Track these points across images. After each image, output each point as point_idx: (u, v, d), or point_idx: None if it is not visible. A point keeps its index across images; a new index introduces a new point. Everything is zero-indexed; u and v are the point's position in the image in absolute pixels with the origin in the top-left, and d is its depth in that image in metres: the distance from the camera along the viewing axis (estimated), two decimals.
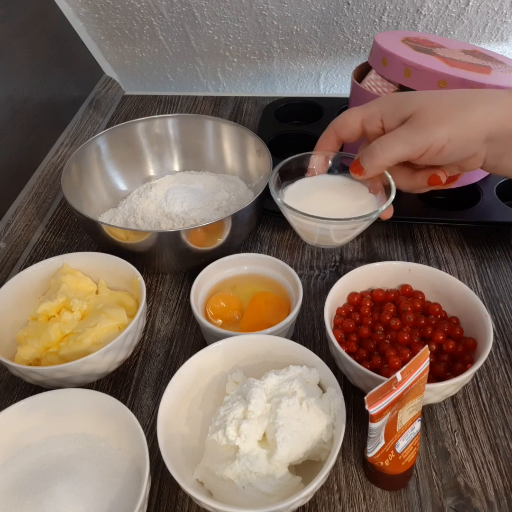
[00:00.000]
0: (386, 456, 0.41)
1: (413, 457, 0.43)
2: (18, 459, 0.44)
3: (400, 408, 0.38)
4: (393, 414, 0.38)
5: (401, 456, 0.41)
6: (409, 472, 0.44)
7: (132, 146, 0.75)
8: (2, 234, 0.68)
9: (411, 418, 0.40)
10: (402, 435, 0.41)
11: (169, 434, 0.42)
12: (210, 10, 0.90)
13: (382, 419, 0.37)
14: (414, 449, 0.43)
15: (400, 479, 0.44)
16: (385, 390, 0.36)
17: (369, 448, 0.40)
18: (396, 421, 0.39)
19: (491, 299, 0.61)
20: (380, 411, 0.36)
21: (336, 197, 0.55)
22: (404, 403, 0.38)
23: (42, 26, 0.83)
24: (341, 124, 0.51)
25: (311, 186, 0.57)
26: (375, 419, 0.36)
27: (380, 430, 0.38)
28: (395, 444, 0.40)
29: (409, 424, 0.41)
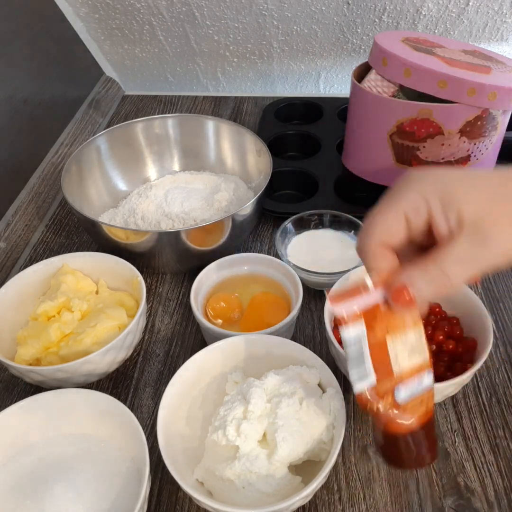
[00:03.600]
0: (381, 397, 0.35)
1: (423, 415, 0.36)
2: (18, 459, 0.44)
3: (386, 331, 0.35)
4: (377, 336, 0.35)
5: (403, 406, 0.36)
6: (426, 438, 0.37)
7: (132, 146, 0.75)
8: (2, 234, 0.68)
9: (415, 365, 0.36)
10: (403, 382, 0.36)
11: (169, 434, 0.42)
12: (210, 10, 0.90)
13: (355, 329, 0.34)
14: (424, 404, 0.37)
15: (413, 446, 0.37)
16: (352, 292, 0.34)
17: (352, 374, 0.35)
18: (386, 350, 0.35)
19: (491, 299, 0.61)
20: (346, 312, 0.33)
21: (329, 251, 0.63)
22: (391, 327, 0.35)
23: (42, 26, 0.83)
24: (386, 232, 0.36)
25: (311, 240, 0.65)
26: (343, 322, 0.34)
27: (359, 349, 0.35)
28: (393, 389, 0.36)
29: (413, 373, 0.36)
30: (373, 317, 0.35)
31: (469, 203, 0.35)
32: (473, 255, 0.34)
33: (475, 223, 0.34)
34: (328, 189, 0.72)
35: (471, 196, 0.35)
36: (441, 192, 0.35)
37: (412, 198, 0.36)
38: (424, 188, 0.36)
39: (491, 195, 0.35)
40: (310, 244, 0.64)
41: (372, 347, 0.35)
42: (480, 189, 0.35)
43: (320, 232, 0.66)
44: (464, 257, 0.35)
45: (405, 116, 0.62)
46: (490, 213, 0.34)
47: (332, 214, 0.65)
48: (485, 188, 0.36)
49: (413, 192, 0.36)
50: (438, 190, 0.35)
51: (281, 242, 0.62)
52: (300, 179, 0.76)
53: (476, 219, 0.34)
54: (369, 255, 0.37)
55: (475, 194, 0.35)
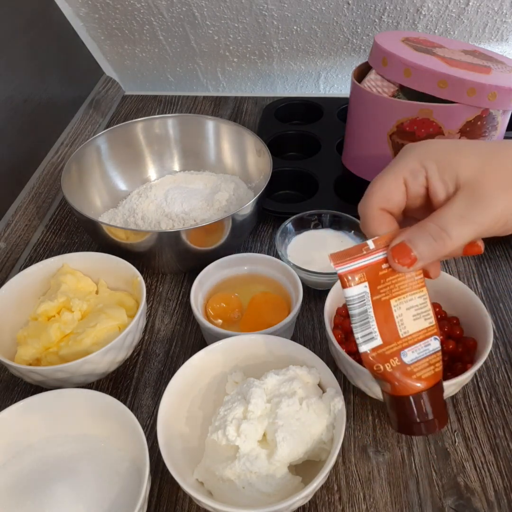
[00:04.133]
0: (387, 360, 0.35)
1: (431, 376, 0.37)
2: (18, 459, 0.44)
3: (391, 295, 0.35)
4: (381, 299, 0.35)
5: (410, 367, 0.36)
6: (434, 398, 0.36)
7: (132, 146, 0.75)
8: (2, 234, 0.68)
9: (422, 328, 0.37)
10: (410, 346, 0.36)
11: (169, 434, 0.42)
12: (210, 10, 0.90)
13: (358, 289, 0.34)
14: (431, 367, 0.37)
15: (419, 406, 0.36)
16: (354, 253, 0.34)
17: (357, 334, 0.35)
18: (391, 314, 0.35)
19: (491, 299, 0.61)
20: (350, 271, 0.34)
21: None
22: (395, 290, 0.35)
23: (42, 26, 0.83)
24: (384, 196, 0.38)
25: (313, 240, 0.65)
26: (346, 283, 0.34)
27: (364, 310, 0.35)
28: (400, 352, 0.36)
29: (420, 337, 0.37)
30: (376, 279, 0.35)
31: (465, 167, 0.36)
32: (470, 213, 0.35)
33: (472, 185, 0.35)
34: (328, 189, 0.72)
35: (466, 161, 0.36)
36: (438, 157, 0.37)
37: (410, 164, 0.37)
38: (421, 155, 0.37)
39: (487, 160, 0.36)
40: (310, 244, 0.64)
41: (376, 310, 0.36)
42: (475, 156, 0.37)
43: (320, 232, 0.66)
44: (461, 214, 0.35)
45: (405, 116, 0.62)
46: (486, 176, 0.35)
47: (332, 214, 0.65)
48: (479, 154, 0.37)
49: (411, 159, 0.37)
50: (435, 156, 0.37)
51: (281, 242, 0.62)
52: (300, 179, 0.76)
53: (473, 181, 0.35)
54: (369, 218, 0.38)
55: (471, 159, 0.36)
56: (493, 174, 0.36)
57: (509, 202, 0.35)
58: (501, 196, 0.35)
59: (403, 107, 0.62)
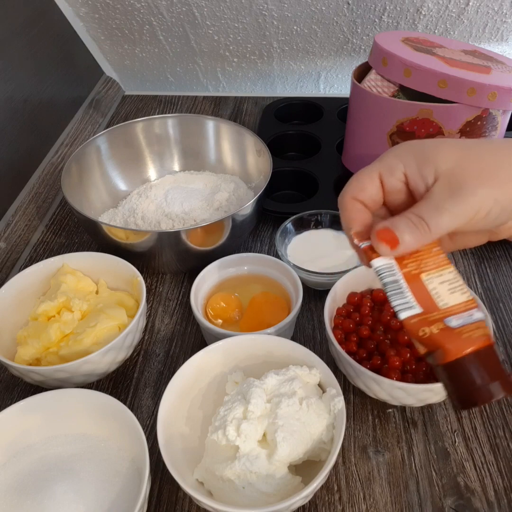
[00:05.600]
0: (431, 323, 0.35)
1: (482, 336, 0.35)
2: (18, 459, 0.44)
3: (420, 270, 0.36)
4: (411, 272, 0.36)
5: (457, 330, 0.35)
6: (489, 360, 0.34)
7: (132, 146, 0.75)
8: (2, 234, 0.68)
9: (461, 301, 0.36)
10: (453, 315, 0.35)
11: (169, 434, 0.42)
12: (210, 10, 0.90)
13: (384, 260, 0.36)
14: (480, 329, 0.35)
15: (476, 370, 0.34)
16: None
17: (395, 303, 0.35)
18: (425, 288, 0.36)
19: (491, 299, 0.61)
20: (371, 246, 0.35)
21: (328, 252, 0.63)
22: (421, 265, 0.36)
23: (42, 26, 0.83)
24: (357, 187, 0.39)
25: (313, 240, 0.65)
26: (371, 255, 0.36)
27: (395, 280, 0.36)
28: (444, 319, 0.35)
29: (461, 309, 0.36)
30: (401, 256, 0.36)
31: (443, 160, 0.37)
32: (446, 204, 0.36)
33: (449, 176, 0.37)
34: (328, 189, 0.72)
35: (444, 155, 0.37)
36: (417, 154, 0.38)
37: (387, 161, 0.39)
38: (400, 152, 0.39)
39: (464, 153, 0.37)
40: (310, 244, 0.64)
41: (409, 282, 0.36)
42: (452, 150, 0.38)
43: (320, 232, 0.66)
44: (438, 205, 0.36)
45: (405, 116, 0.62)
46: (463, 168, 0.36)
47: (332, 214, 0.65)
48: (457, 149, 0.38)
49: (389, 156, 0.39)
50: (414, 152, 0.38)
51: (281, 242, 0.62)
52: (300, 179, 0.76)
53: (450, 173, 0.37)
54: (342, 208, 0.41)
55: (448, 153, 0.37)
56: (471, 165, 0.36)
57: (488, 192, 0.36)
58: (479, 187, 0.36)
59: (403, 107, 0.62)
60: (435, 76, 0.59)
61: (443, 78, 0.59)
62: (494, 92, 0.58)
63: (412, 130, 0.63)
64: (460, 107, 0.60)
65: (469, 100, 0.59)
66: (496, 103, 0.59)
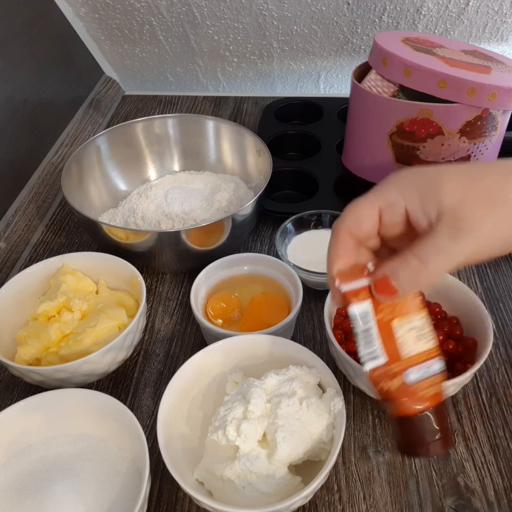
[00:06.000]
0: (390, 379, 0.36)
1: (432, 397, 0.36)
2: (18, 459, 0.44)
3: (392, 315, 0.36)
4: (384, 319, 0.36)
5: (413, 387, 0.36)
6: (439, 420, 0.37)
7: (132, 146, 0.75)
8: (2, 234, 0.68)
9: (424, 349, 0.37)
10: (412, 366, 0.36)
11: (169, 434, 0.42)
12: (210, 10, 0.90)
13: (363, 307, 0.35)
14: (435, 386, 0.37)
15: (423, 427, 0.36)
16: (356, 272, 0.35)
17: (361, 352, 0.36)
18: (393, 333, 0.36)
19: (491, 299, 0.61)
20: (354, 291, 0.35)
21: None
22: (395, 310, 0.36)
23: (42, 26, 0.83)
24: (355, 221, 0.37)
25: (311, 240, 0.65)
26: (350, 300, 0.35)
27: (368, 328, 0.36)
28: (403, 372, 0.36)
29: (422, 358, 0.37)
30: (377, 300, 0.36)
31: (447, 194, 0.35)
32: (451, 246, 0.34)
33: (453, 214, 0.34)
34: (328, 189, 0.72)
35: (447, 188, 0.35)
36: (420, 185, 0.36)
37: (389, 193, 0.37)
38: (402, 184, 0.37)
39: (469, 185, 0.35)
40: (310, 244, 0.64)
41: (380, 330, 0.36)
42: (456, 181, 0.36)
43: (320, 232, 0.66)
44: (442, 247, 0.35)
45: (405, 116, 0.62)
46: (467, 202, 0.34)
47: (332, 214, 0.65)
48: (461, 179, 0.36)
49: (391, 188, 0.37)
50: (416, 184, 0.36)
51: (281, 242, 0.62)
52: (300, 179, 0.76)
53: (454, 209, 0.34)
54: (334, 240, 0.38)
55: (452, 186, 0.35)
56: (475, 199, 0.35)
57: (493, 223, 0.34)
58: (483, 221, 0.34)
59: (403, 107, 0.62)
60: (435, 76, 0.59)
61: (443, 78, 0.59)
62: (494, 92, 0.58)
63: (412, 130, 0.63)
64: (460, 107, 0.60)
65: (469, 100, 0.59)
66: (496, 103, 0.59)
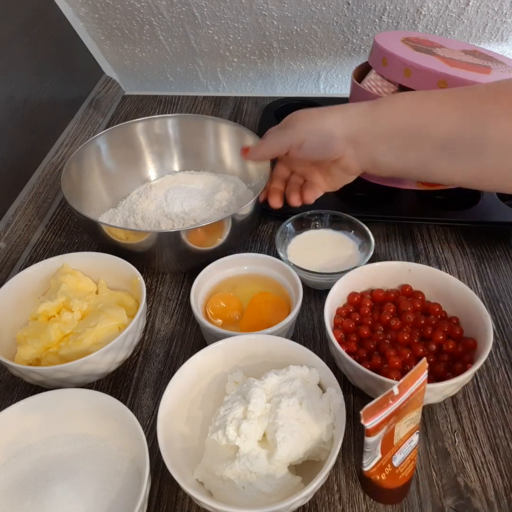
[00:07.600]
0: (382, 470, 0.40)
1: (411, 471, 0.42)
2: (18, 459, 0.44)
3: (398, 421, 0.38)
4: (390, 428, 0.37)
5: (398, 469, 0.41)
6: (407, 486, 0.43)
7: (132, 146, 0.75)
8: (2, 234, 0.68)
9: (409, 431, 0.40)
10: (399, 448, 0.40)
11: (169, 434, 0.42)
12: (210, 10, 0.90)
13: (378, 433, 0.36)
14: (412, 462, 0.42)
15: (398, 493, 0.43)
16: (382, 403, 0.36)
17: (365, 462, 0.39)
18: (393, 434, 0.38)
19: (491, 299, 0.61)
20: (376, 425, 0.35)
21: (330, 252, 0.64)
22: (402, 416, 0.38)
23: (42, 26, 0.83)
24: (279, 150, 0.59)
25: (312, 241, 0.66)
26: (371, 434, 0.36)
27: (376, 444, 0.37)
28: (392, 458, 0.40)
29: (406, 437, 0.40)
30: (391, 417, 0.37)
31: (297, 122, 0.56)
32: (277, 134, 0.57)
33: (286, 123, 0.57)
34: None
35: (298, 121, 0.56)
36: None
37: None
38: None
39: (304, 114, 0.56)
40: (310, 244, 0.64)
41: (384, 440, 0.38)
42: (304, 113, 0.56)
43: (320, 232, 0.66)
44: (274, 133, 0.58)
45: None
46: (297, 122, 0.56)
47: (332, 214, 0.65)
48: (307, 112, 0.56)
49: None
50: None
51: (281, 242, 0.62)
52: None
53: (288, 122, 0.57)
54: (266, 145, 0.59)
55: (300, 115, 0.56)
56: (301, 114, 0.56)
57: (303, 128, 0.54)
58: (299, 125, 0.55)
59: None
60: (435, 76, 0.59)
61: (443, 78, 0.59)
62: None
63: None
64: None
65: None
66: None
